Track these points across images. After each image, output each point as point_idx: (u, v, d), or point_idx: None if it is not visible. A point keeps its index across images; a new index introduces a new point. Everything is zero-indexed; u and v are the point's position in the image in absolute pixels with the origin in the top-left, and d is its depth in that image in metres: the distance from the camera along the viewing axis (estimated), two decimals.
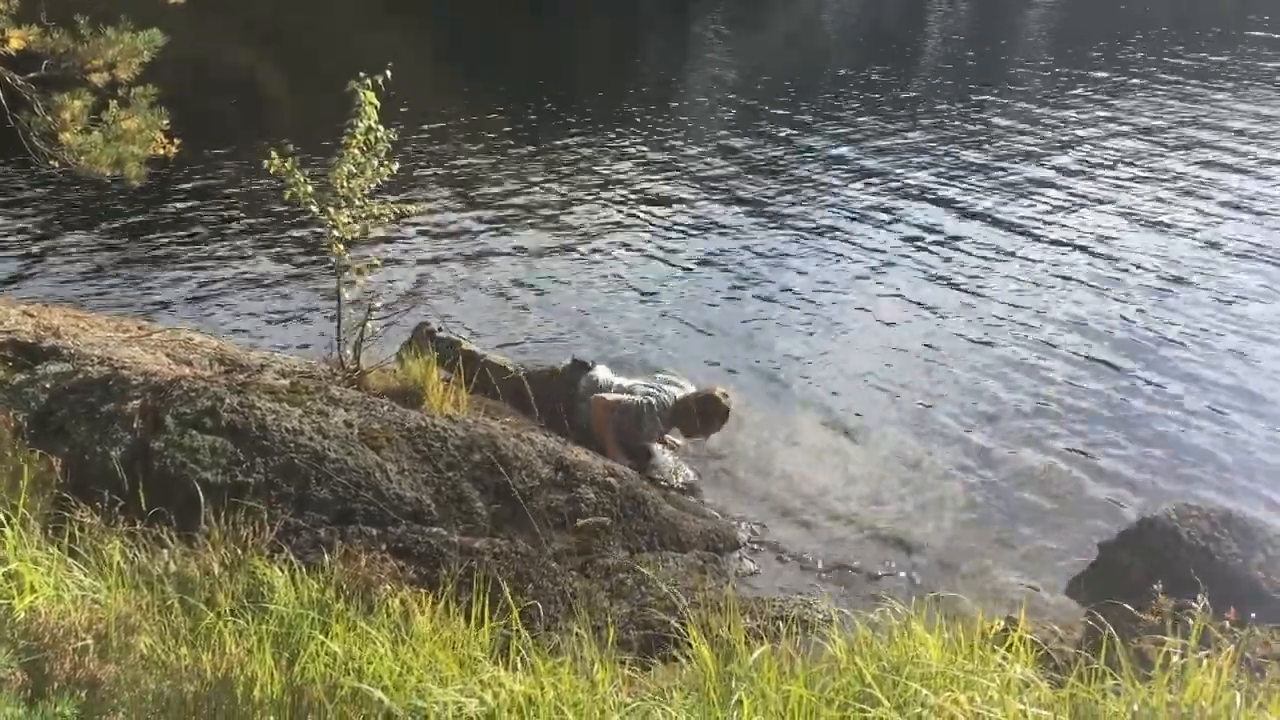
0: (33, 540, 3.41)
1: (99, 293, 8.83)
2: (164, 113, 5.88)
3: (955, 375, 7.42)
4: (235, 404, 4.87)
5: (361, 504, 4.66)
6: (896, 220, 10.81)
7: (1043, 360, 7.61)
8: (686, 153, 13.79)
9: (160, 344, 6.34)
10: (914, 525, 5.70)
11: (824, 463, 6.33)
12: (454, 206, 11.31)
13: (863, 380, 7.35)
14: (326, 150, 6.06)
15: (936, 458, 6.38)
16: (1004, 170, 12.64)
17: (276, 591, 3.40)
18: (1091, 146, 13.69)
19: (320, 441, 4.82)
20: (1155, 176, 12.17)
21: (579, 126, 15.29)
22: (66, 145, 5.35)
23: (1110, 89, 17.61)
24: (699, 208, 11.35)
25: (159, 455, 4.53)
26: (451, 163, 13.17)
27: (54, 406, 4.87)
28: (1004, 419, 6.82)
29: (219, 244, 10.13)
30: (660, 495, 5.61)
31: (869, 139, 14.40)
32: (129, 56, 5.82)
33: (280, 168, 5.61)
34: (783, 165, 13.12)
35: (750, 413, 6.86)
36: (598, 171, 12.79)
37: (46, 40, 5.72)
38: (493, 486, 5.09)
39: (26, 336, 5.70)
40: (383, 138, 5.73)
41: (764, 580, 5.22)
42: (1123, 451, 6.42)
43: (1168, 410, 6.91)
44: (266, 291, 8.93)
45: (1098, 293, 8.80)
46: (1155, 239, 10.09)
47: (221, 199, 11.57)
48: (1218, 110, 15.79)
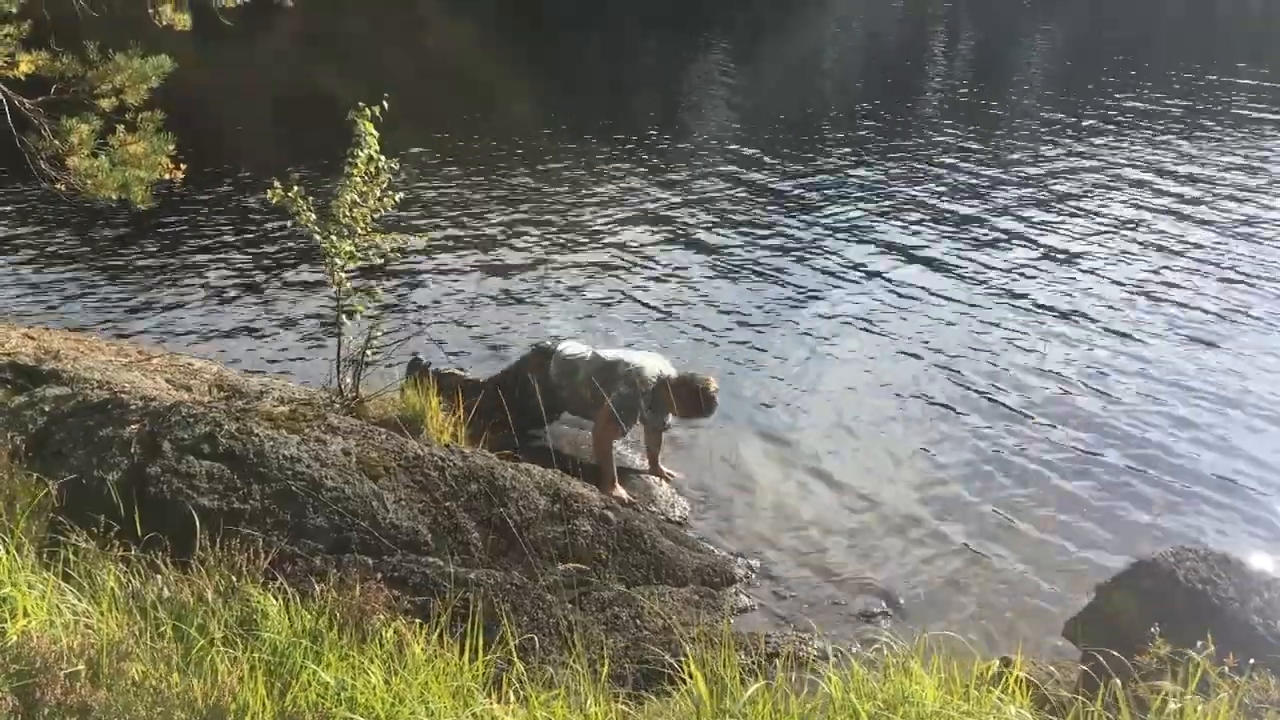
0: (27, 564, 3.41)
1: (100, 317, 8.85)
2: (171, 137, 5.93)
3: (952, 416, 7.41)
4: (233, 430, 4.86)
5: (357, 533, 4.65)
6: (894, 258, 10.83)
7: (1040, 402, 7.61)
8: (687, 185, 13.85)
9: (160, 369, 6.35)
10: (911, 563, 5.68)
11: (821, 500, 6.31)
12: (454, 235, 11.35)
13: (860, 419, 7.34)
14: (334, 174, 6.10)
15: (934, 496, 6.37)
16: (999, 210, 12.68)
17: (270, 619, 3.39)
18: (1086, 189, 13.73)
19: (318, 469, 4.82)
20: (1153, 219, 12.20)
21: (579, 157, 15.35)
22: (73, 169, 5.40)
23: (1115, 128, 17.70)
24: (698, 242, 11.38)
25: (155, 480, 4.52)
26: (452, 191, 13.23)
27: (52, 430, 4.88)
28: (1001, 458, 6.81)
29: (221, 270, 10.16)
30: (657, 529, 5.59)
31: (864, 175, 14.46)
32: (137, 81, 5.89)
33: (282, 198, 5.65)
34: (779, 203, 13.16)
35: (747, 449, 6.86)
36: (598, 203, 12.84)
37: (56, 65, 5.79)
38: (489, 517, 5.08)
39: (27, 359, 5.72)
40: (384, 167, 5.76)
41: (759, 616, 5.19)
42: (1120, 492, 6.41)
43: (1165, 452, 6.90)
44: (267, 318, 8.94)
45: (1093, 335, 8.81)
46: (1154, 281, 10.10)
47: (224, 225, 11.62)
48: (1225, 152, 15.86)
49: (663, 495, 6.25)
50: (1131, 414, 7.40)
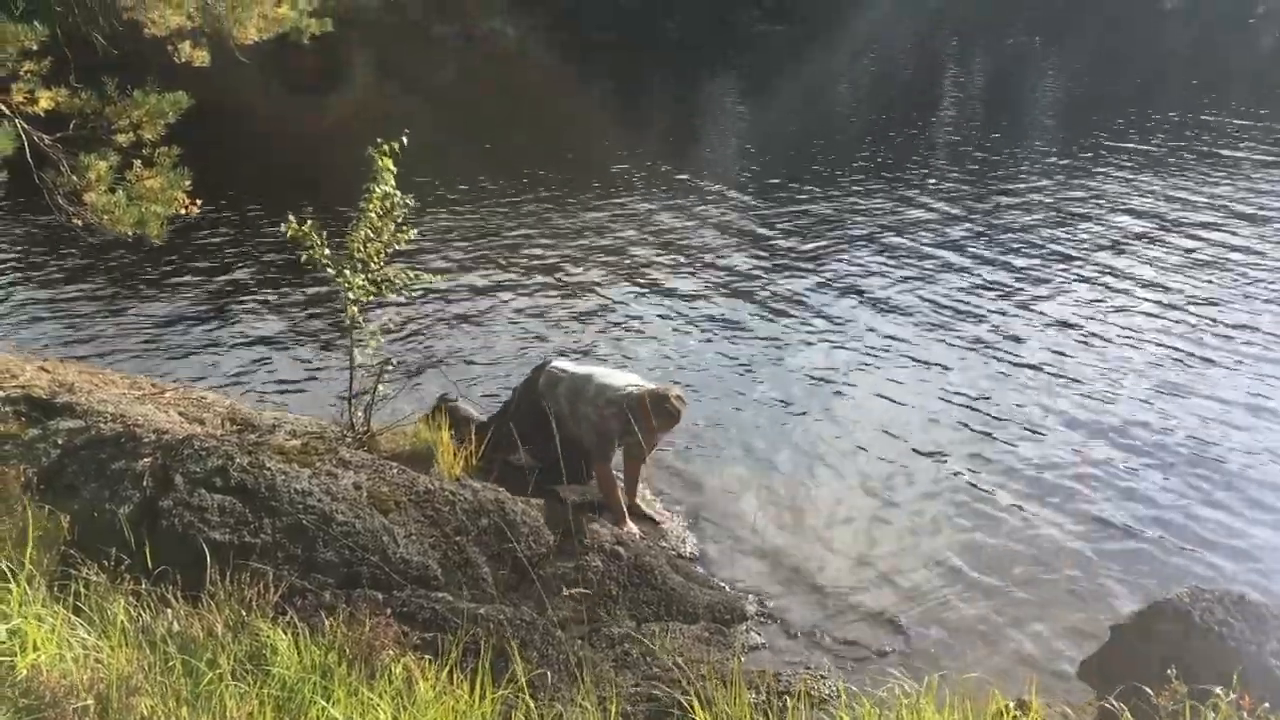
0: (38, 597, 3.41)
1: (115, 350, 8.90)
2: (187, 173, 5.99)
3: (966, 452, 7.38)
4: (245, 464, 4.87)
5: (368, 567, 4.64)
6: (905, 290, 10.83)
7: (1054, 439, 7.57)
8: (700, 213, 13.91)
9: (173, 402, 6.38)
10: (923, 601, 5.63)
11: (833, 536, 6.28)
12: (467, 271, 11.40)
13: (872, 455, 7.31)
14: (350, 207, 6.14)
15: (947, 535, 6.33)
16: (1016, 241, 12.68)
17: (279, 654, 3.39)
18: (1103, 222, 13.73)
19: (329, 503, 4.82)
20: (1162, 258, 12.17)
21: (592, 190, 15.44)
22: (91, 204, 5.44)
23: (1131, 159, 17.72)
24: (711, 275, 11.40)
25: (167, 514, 4.53)
26: (463, 223, 13.31)
27: (65, 462, 4.89)
28: (1015, 496, 6.77)
29: (235, 303, 10.22)
30: (668, 565, 5.57)
31: (876, 207, 14.49)
32: (154, 118, 5.95)
33: (297, 232, 5.69)
34: (794, 235, 13.19)
35: (758, 485, 6.84)
36: (611, 236, 12.89)
37: (75, 101, 5.86)
38: (500, 552, 5.07)
39: (41, 392, 5.75)
40: (399, 203, 5.80)
41: (770, 654, 5.15)
42: (1135, 532, 6.36)
43: (1181, 491, 6.85)
44: (280, 352, 8.98)
45: (1105, 375, 8.77)
46: (1167, 321, 10.07)
47: (238, 258, 11.70)
48: (1247, 184, 15.85)
49: (674, 531, 6.23)
50: (1144, 454, 7.35)
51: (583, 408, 6.02)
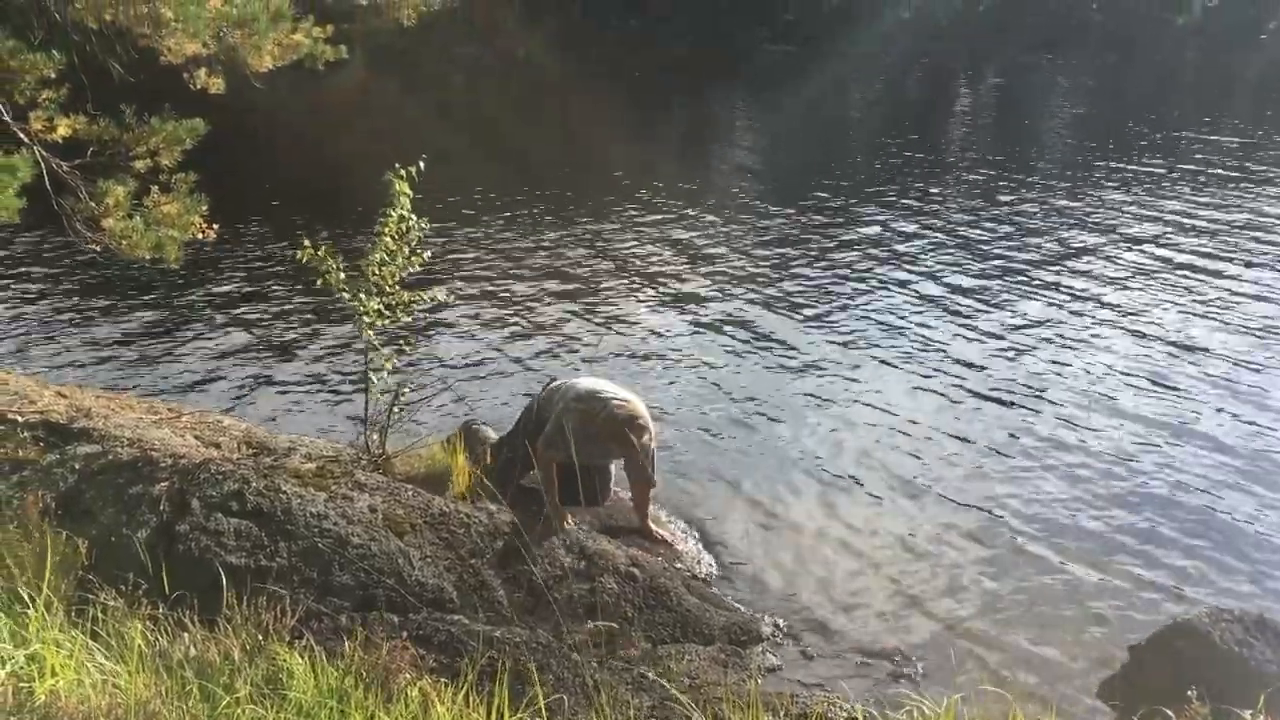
0: (56, 623, 3.42)
1: (132, 374, 8.95)
2: (203, 198, 6.05)
3: (983, 472, 7.34)
4: (261, 487, 4.89)
5: (383, 590, 4.65)
6: (915, 310, 10.82)
7: (1073, 458, 7.53)
8: (713, 231, 13.97)
9: (189, 426, 6.40)
10: (941, 622, 5.59)
11: (849, 558, 6.25)
12: (481, 293, 11.44)
13: (888, 475, 7.29)
14: (364, 229, 6.18)
15: (964, 555, 6.29)
16: (1025, 262, 12.68)
17: (296, 678, 3.38)
18: (1112, 238, 13.71)
19: (344, 526, 4.83)
20: (1183, 272, 12.14)
21: (604, 208, 15.52)
22: (109, 230, 5.49)
23: (1142, 178, 17.70)
24: (726, 293, 11.42)
25: (184, 538, 4.55)
26: (478, 249, 13.36)
27: (82, 487, 4.92)
28: (1033, 516, 6.73)
29: (250, 326, 10.27)
30: (683, 586, 5.55)
31: (884, 226, 14.50)
32: (171, 144, 6.01)
33: (312, 257, 5.72)
34: (807, 253, 13.21)
35: (773, 506, 6.82)
36: (621, 255, 12.94)
37: (93, 129, 5.92)
38: (515, 575, 5.07)
39: (59, 417, 5.78)
40: (415, 227, 5.83)
41: (787, 675, 5.12)
42: (1154, 552, 6.31)
43: (1201, 510, 6.79)
44: (296, 375, 9.01)
45: (1126, 389, 8.73)
46: (1187, 336, 10.02)
47: (254, 282, 11.77)
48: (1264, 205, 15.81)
49: (689, 552, 6.21)
50: (1164, 471, 7.31)
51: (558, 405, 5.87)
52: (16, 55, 5.76)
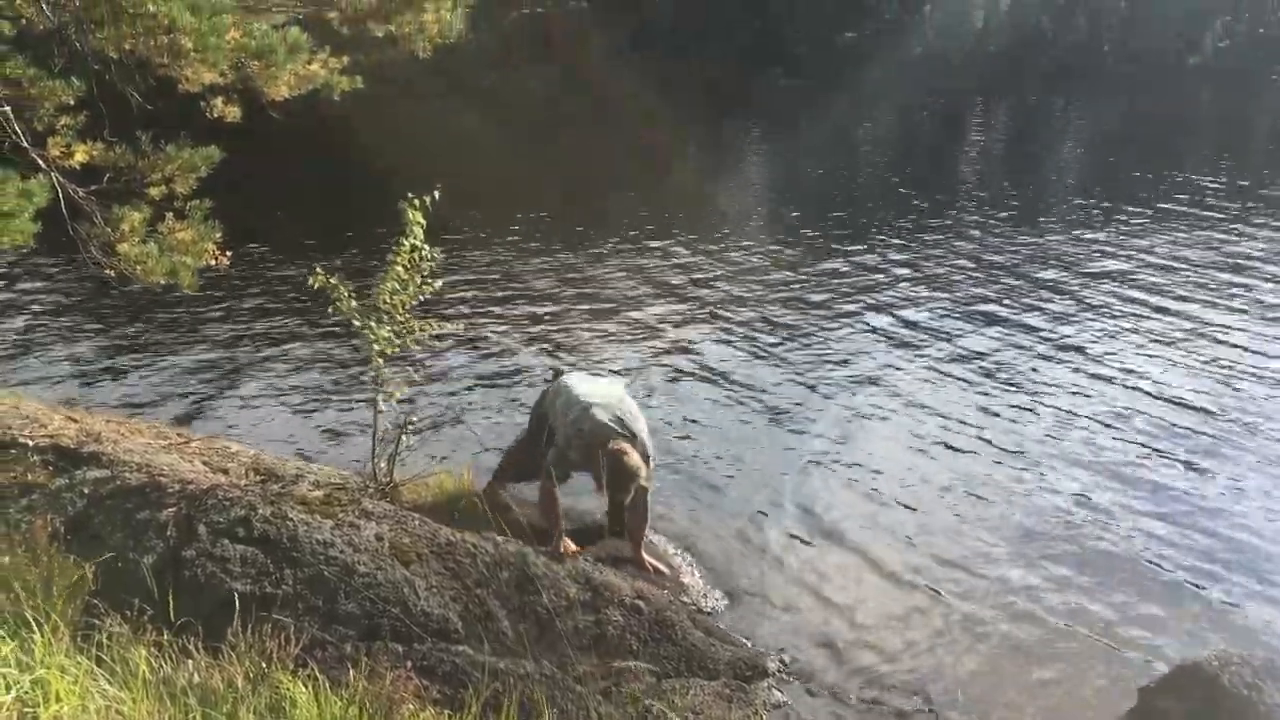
0: (61, 648, 3.42)
1: (141, 399, 8.98)
2: (217, 225, 6.10)
3: (990, 510, 7.31)
4: (268, 514, 4.89)
5: (388, 620, 4.63)
6: (925, 342, 10.82)
7: (1079, 498, 7.49)
8: (721, 266, 14.00)
9: (198, 452, 6.42)
10: (947, 662, 5.56)
11: (856, 594, 6.22)
12: (490, 321, 11.47)
13: (894, 512, 7.26)
14: (376, 256, 6.21)
15: (971, 593, 6.25)
16: (1042, 296, 12.68)
17: (299, 707, 3.38)
18: (1126, 277, 13.71)
19: (350, 554, 4.83)
20: (1198, 312, 12.13)
21: (615, 238, 15.57)
22: (123, 255, 5.53)
23: (1161, 215, 17.71)
24: (733, 325, 11.43)
25: (190, 564, 4.54)
26: (487, 276, 13.41)
27: (91, 512, 4.93)
28: (1041, 553, 6.70)
29: (260, 353, 10.31)
30: (689, 619, 5.52)
31: (894, 260, 14.52)
32: (186, 171, 6.07)
33: (324, 284, 5.75)
34: (814, 286, 13.23)
35: (780, 539, 6.80)
36: (631, 283, 12.96)
37: (109, 155, 5.98)
38: (520, 605, 5.05)
39: (68, 441, 5.80)
40: (428, 256, 5.86)
41: (792, 712, 5.09)
42: (1163, 594, 6.26)
43: (1209, 553, 6.75)
44: (305, 402, 9.03)
45: (1137, 428, 8.70)
46: (1200, 376, 10.00)
47: (265, 308, 11.83)
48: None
49: (694, 585, 6.19)
50: (1171, 512, 7.27)
51: (561, 427, 5.83)
52: (37, 82, 5.84)
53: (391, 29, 6.17)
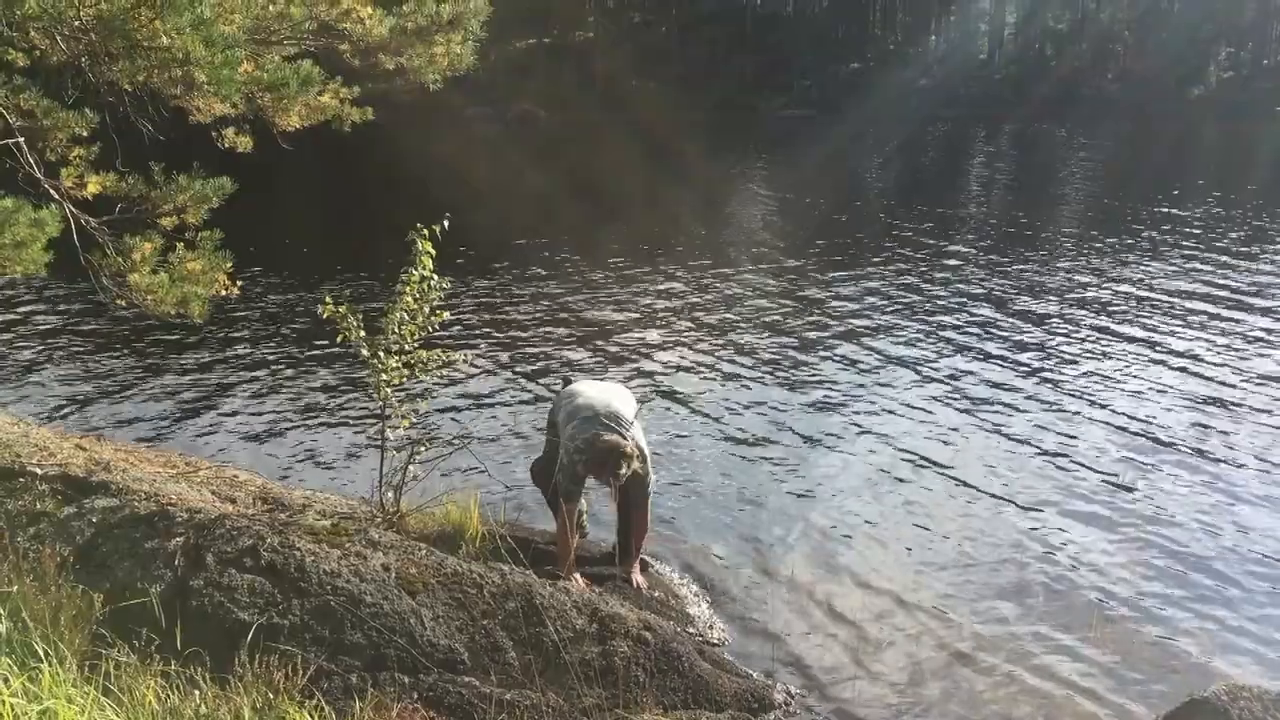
0: (69, 678, 3.42)
1: (150, 426, 9.02)
2: (228, 255, 6.14)
3: (1003, 543, 7.28)
4: (276, 544, 4.90)
5: (395, 650, 4.63)
6: (935, 378, 10.82)
7: (1095, 525, 7.47)
8: (727, 291, 14.04)
9: (206, 480, 6.44)
10: (959, 694, 5.52)
11: (866, 624, 6.19)
12: (497, 350, 11.50)
13: (902, 542, 7.24)
14: (384, 286, 6.25)
15: (984, 624, 6.23)
16: (1049, 326, 12.70)
17: None
18: (1131, 314, 13.72)
19: (357, 584, 4.83)
20: (1209, 346, 12.12)
21: (621, 267, 15.63)
22: (134, 285, 5.57)
23: (1159, 247, 17.75)
24: (741, 352, 11.46)
25: (198, 593, 4.55)
26: (495, 306, 13.46)
27: (99, 541, 4.94)
28: (1051, 588, 6.67)
29: (269, 380, 10.35)
30: (695, 651, 5.51)
31: (898, 289, 14.56)
32: (198, 202, 6.12)
33: (333, 313, 5.78)
34: (821, 313, 13.26)
35: (789, 571, 6.79)
36: (638, 311, 13.01)
37: (121, 186, 6.04)
38: (527, 636, 5.04)
39: (78, 470, 5.82)
40: (436, 287, 5.89)
41: None
42: (1173, 626, 6.23)
43: (1219, 586, 6.73)
44: (313, 431, 9.06)
45: (1147, 460, 8.68)
46: (1207, 409, 9.99)
47: (273, 337, 11.88)
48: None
49: (700, 615, 6.18)
50: (1186, 544, 7.23)
51: (563, 441, 5.86)
52: (50, 114, 5.90)
53: (403, 61, 6.24)
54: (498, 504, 6.84)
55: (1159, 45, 59.54)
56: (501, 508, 6.77)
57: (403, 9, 6.18)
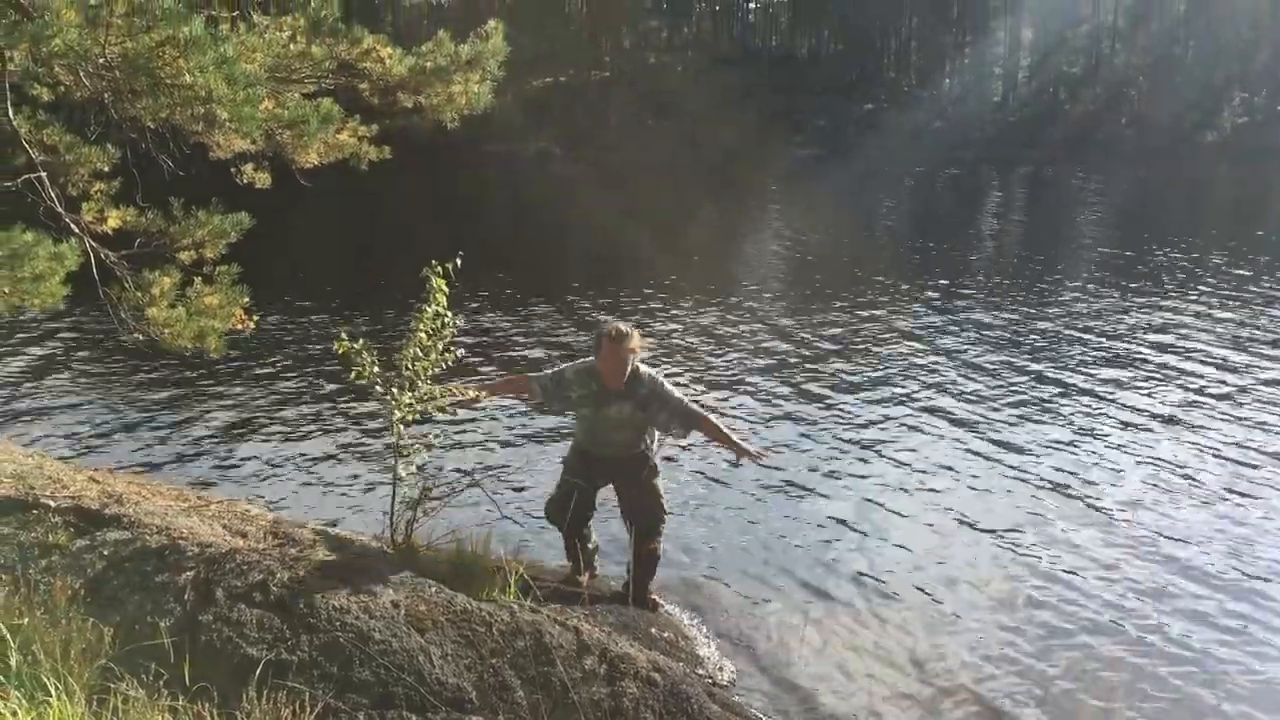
0: (77, 712, 3.42)
1: (163, 459, 9.05)
2: (245, 290, 6.18)
3: (1015, 583, 7.23)
4: (286, 579, 4.89)
5: (403, 688, 4.61)
6: (947, 416, 10.79)
7: (1103, 576, 7.41)
8: (738, 327, 14.06)
9: (218, 514, 6.44)
10: None
11: (876, 668, 6.14)
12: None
13: (916, 584, 7.19)
14: (395, 321, 6.28)
15: (996, 666, 6.17)
16: (1066, 371, 12.67)
17: None
18: (1139, 359, 13.69)
19: (366, 621, 4.81)
20: (1227, 388, 12.08)
21: (635, 300, 15.66)
22: (152, 319, 5.61)
23: (1173, 293, 17.74)
24: (752, 389, 11.44)
25: (207, 628, 4.54)
26: (506, 341, 13.50)
27: (110, 574, 4.94)
28: (1065, 631, 6.61)
29: (281, 416, 10.38)
30: (704, 693, 5.47)
31: (910, 326, 14.56)
32: (216, 237, 6.17)
33: (348, 350, 5.80)
34: (832, 354, 13.26)
35: (800, 611, 6.74)
36: (651, 346, 13.00)
37: (141, 221, 6.10)
38: (535, 676, 5.01)
39: (91, 502, 5.82)
40: (450, 323, 5.91)
41: None
42: (1185, 674, 6.17)
43: (1232, 634, 6.66)
44: (325, 466, 9.07)
45: (1161, 503, 8.62)
46: (1226, 449, 9.94)
47: (285, 371, 11.92)
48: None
49: (710, 657, 6.14)
50: (1196, 591, 7.18)
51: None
52: (73, 149, 5.98)
53: (421, 100, 6.30)
54: (509, 541, 6.83)
55: (1173, 89, 59.77)
56: (513, 545, 6.75)
57: (422, 49, 6.25)
